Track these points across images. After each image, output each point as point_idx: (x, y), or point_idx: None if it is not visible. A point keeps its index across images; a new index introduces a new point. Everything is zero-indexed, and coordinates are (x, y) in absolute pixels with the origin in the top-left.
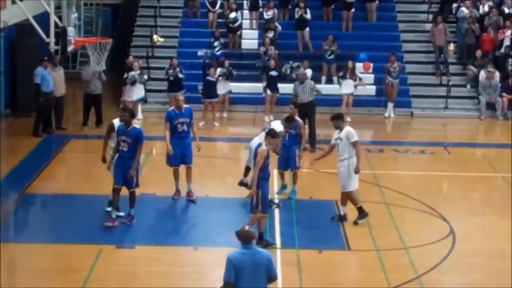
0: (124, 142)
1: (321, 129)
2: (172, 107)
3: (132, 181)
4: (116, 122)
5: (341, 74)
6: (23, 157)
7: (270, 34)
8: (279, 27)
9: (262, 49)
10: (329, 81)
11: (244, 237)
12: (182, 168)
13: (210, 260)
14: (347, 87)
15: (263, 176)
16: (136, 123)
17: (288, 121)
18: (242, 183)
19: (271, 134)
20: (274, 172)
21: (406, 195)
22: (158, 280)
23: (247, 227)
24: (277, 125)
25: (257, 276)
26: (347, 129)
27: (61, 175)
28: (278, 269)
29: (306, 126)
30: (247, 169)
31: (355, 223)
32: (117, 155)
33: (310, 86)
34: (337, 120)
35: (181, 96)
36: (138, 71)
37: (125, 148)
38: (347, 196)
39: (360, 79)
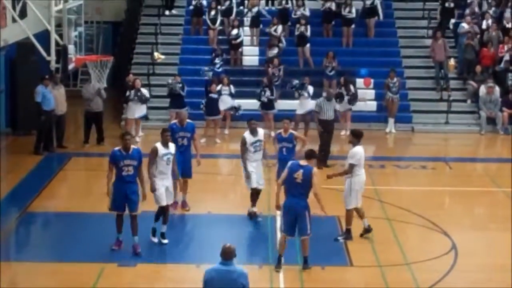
0: (129, 165)
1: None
2: (175, 121)
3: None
4: (159, 145)
5: (337, 91)
6: (24, 175)
7: (274, 51)
8: (284, 43)
9: (271, 70)
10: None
11: (223, 253)
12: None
13: None
14: (342, 104)
15: None
16: (138, 141)
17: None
18: None
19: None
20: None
21: (408, 211)
22: None
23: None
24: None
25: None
26: (355, 148)
27: (63, 193)
28: (281, 285)
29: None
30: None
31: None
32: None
33: (334, 104)
34: (352, 136)
35: (185, 113)
36: (142, 89)
37: (131, 172)
38: (347, 213)
39: (353, 93)
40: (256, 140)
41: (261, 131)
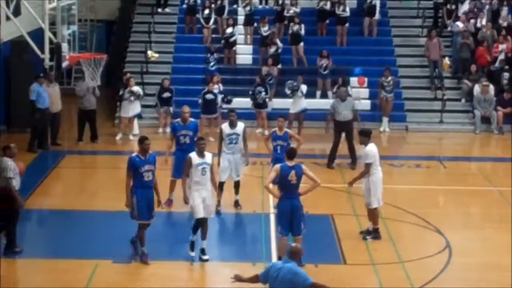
0: (149, 171)
1: (318, 144)
2: (178, 120)
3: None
4: (193, 155)
5: (334, 90)
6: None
7: (272, 49)
8: (280, 44)
9: (265, 69)
10: (324, 95)
11: (289, 253)
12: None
13: (206, 275)
14: None
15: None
16: (132, 139)
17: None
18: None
19: None
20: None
21: (402, 209)
22: None
23: (295, 245)
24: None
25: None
26: (367, 147)
27: (57, 191)
28: None
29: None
30: None
31: (364, 238)
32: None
33: (352, 104)
34: (361, 136)
35: (187, 108)
36: (136, 87)
37: (150, 177)
38: (370, 213)
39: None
40: (232, 133)
41: (240, 125)
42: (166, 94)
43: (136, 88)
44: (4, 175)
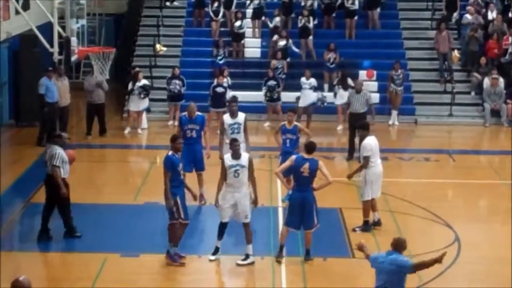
0: (181, 169)
1: (324, 137)
2: (184, 113)
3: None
4: (227, 157)
5: (334, 83)
6: (28, 167)
7: (282, 42)
8: (290, 42)
9: (274, 62)
10: (332, 89)
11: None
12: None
13: (214, 269)
14: (339, 98)
15: None
16: (140, 133)
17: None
18: None
19: None
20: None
21: (411, 203)
22: None
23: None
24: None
25: (387, 277)
26: (365, 141)
27: None
28: (282, 276)
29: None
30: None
31: (354, 230)
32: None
33: (366, 97)
34: (360, 129)
35: (195, 107)
36: (144, 81)
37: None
38: (364, 205)
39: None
40: (234, 122)
41: (241, 115)
42: (176, 82)
43: (143, 83)
44: (51, 163)
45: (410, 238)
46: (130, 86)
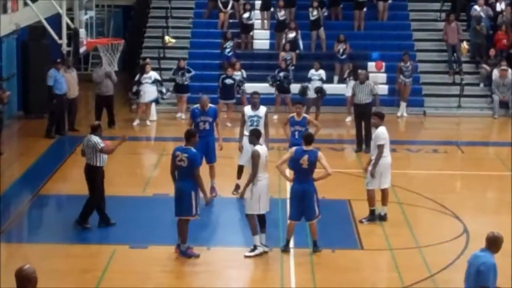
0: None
1: (333, 129)
2: (197, 105)
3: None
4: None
5: (345, 75)
6: (36, 158)
7: (292, 34)
8: (299, 36)
9: (283, 54)
10: (342, 81)
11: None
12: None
13: (223, 260)
14: (350, 90)
15: None
16: (149, 125)
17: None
18: None
19: None
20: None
21: (420, 194)
22: (172, 280)
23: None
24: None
25: (470, 276)
26: (378, 130)
27: (74, 176)
28: (291, 268)
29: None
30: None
31: (361, 221)
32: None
33: (370, 88)
34: (374, 117)
35: (208, 100)
36: (152, 73)
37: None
38: (368, 194)
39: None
40: (254, 115)
41: (263, 108)
42: (182, 74)
43: (150, 75)
44: (93, 153)
45: (418, 230)
46: (137, 77)
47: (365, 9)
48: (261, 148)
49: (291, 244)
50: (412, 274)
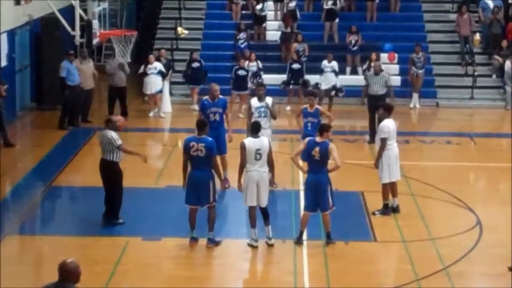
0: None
1: (346, 120)
2: (207, 97)
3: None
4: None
5: (365, 67)
6: (49, 150)
7: (292, 4)
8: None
9: (295, 45)
10: (354, 72)
11: None
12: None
13: (236, 252)
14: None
15: None
16: (163, 116)
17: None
18: None
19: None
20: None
21: (433, 186)
22: (184, 272)
23: None
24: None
25: None
26: (382, 123)
27: (87, 168)
28: (304, 260)
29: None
30: None
31: (373, 213)
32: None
33: (385, 79)
34: (382, 109)
35: (216, 86)
36: (156, 63)
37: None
38: (382, 188)
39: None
40: (261, 106)
41: (268, 99)
42: (195, 65)
43: (155, 65)
44: (109, 148)
45: (431, 222)
46: (141, 69)
47: (377, 0)
48: (251, 141)
49: (304, 236)
50: (425, 266)
